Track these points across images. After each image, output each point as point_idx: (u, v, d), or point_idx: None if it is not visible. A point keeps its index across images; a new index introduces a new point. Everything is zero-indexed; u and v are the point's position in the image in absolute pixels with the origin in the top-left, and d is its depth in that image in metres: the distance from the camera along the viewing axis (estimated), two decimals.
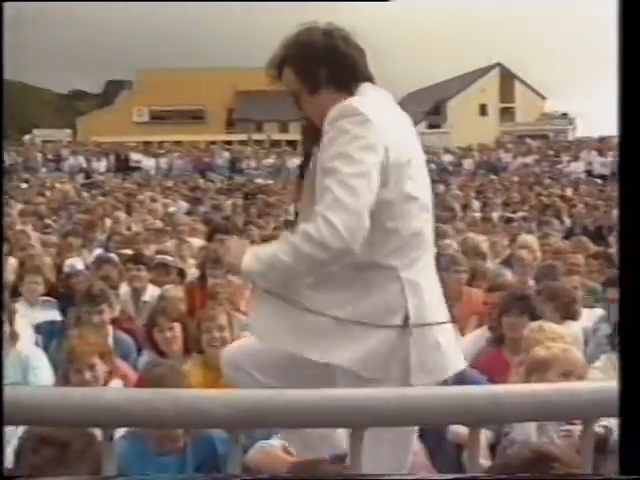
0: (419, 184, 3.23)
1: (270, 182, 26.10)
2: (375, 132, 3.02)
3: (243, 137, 51.77)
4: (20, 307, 6.47)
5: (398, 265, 3.15)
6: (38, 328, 6.69)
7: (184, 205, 17.48)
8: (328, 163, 3.01)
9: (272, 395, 1.68)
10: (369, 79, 3.30)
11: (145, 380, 4.35)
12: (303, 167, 3.39)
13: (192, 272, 8.96)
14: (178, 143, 44.89)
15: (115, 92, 71.35)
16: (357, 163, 2.96)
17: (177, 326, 5.70)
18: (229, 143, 46.05)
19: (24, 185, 23.61)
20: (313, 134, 3.29)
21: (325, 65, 3.25)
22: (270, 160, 33.02)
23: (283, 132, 58.44)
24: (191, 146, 40.76)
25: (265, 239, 10.61)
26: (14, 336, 5.56)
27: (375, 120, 3.03)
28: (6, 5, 2.18)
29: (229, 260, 3.18)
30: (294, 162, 32.13)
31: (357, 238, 2.93)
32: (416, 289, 3.15)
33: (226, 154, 33.24)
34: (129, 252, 9.14)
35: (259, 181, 26.66)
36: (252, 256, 3.05)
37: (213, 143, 44.43)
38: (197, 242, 10.43)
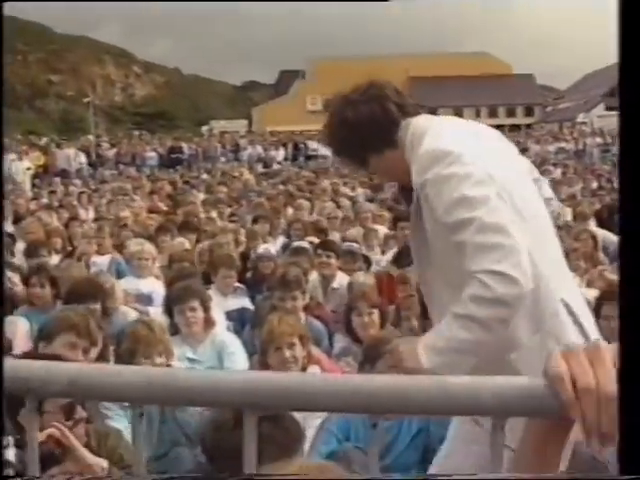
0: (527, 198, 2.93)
1: None
2: (473, 163, 2.76)
3: None
4: (213, 294, 6.50)
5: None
6: (229, 315, 6.74)
7: (362, 192, 17.45)
8: (449, 219, 2.72)
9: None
10: (406, 115, 3.04)
11: None
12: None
13: (377, 259, 8.89)
14: None
15: (289, 82, 72.42)
16: (480, 201, 2.69)
17: (375, 312, 5.60)
18: None
19: (205, 176, 24.16)
20: (408, 194, 3.00)
21: (348, 142, 3.10)
22: None
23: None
24: None
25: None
26: (210, 322, 5.59)
27: (465, 150, 2.78)
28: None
29: (408, 366, 2.76)
30: None
31: (528, 274, 2.63)
32: None
33: None
34: (314, 240, 9.11)
35: None
36: (429, 351, 2.72)
37: None
38: (382, 229, 10.32)
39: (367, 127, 3.02)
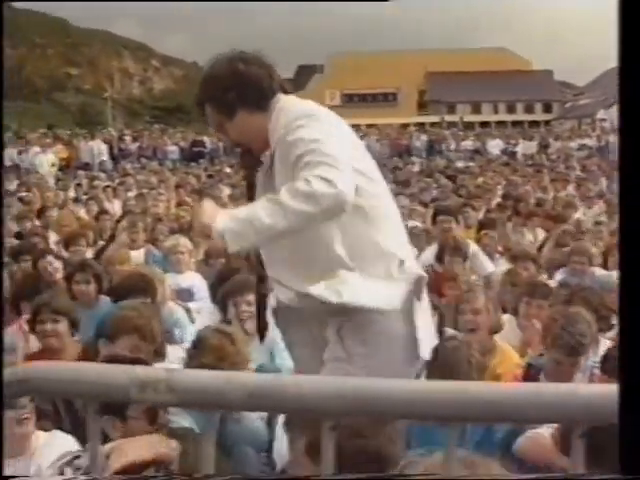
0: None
1: (471, 164, 25.62)
2: (329, 123, 3.22)
3: (435, 119, 51.29)
4: None
5: None
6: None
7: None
8: (291, 137, 3.12)
9: None
10: (283, 92, 3.43)
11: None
12: (250, 198, 3.38)
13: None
14: (370, 126, 44.97)
15: (307, 76, 72.27)
16: (323, 131, 3.10)
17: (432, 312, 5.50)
18: (421, 125, 45.69)
19: (228, 169, 24.05)
20: (252, 161, 3.42)
21: (230, 89, 3.35)
22: (468, 142, 32.49)
23: (476, 113, 57.79)
24: (384, 129, 40.72)
25: (481, 222, 10.35)
26: None
27: (324, 115, 3.26)
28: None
29: (202, 220, 3.03)
30: (494, 144, 31.59)
31: (350, 190, 2.94)
32: None
33: (424, 136, 32.96)
34: None
35: (459, 164, 26.22)
36: (228, 216, 3.00)
37: (405, 126, 44.21)
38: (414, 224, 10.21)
39: (252, 83, 3.35)
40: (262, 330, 3.82)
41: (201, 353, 4.33)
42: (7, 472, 2.38)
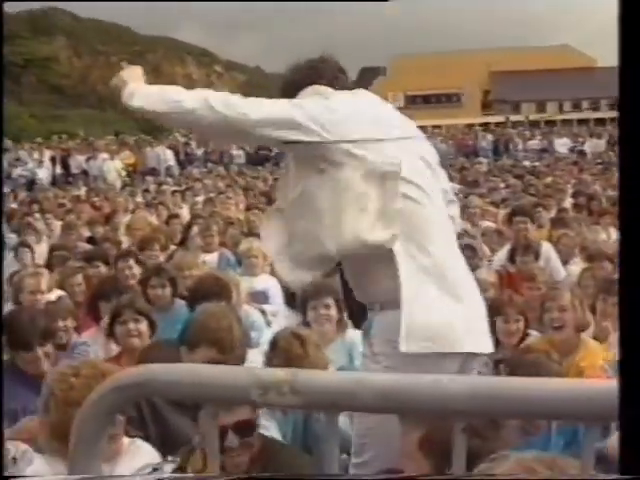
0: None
1: (537, 164, 25.34)
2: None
3: (500, 118, 50.80)
4: None
5: None
6: None
7: (455, 187, 17.27)
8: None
9: None
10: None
11: None
12: None
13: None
14: (435, 127, 44.70)
15: (370, 79, 72.22)
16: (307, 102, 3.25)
17: (522, 319, 5.43)
18: (486, 125, 45.30)
19: None
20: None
21: None
22: (535, 141, 32.16)
23: (540, 112, 57.06)
24: (448, 129, 40.52)
25: (553, 221, 10.21)
26: (342, 324, 5.59)
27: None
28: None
29: (116, 81, 3.24)
30: (561, 143, 31.21)
31: (267, 127, 3.08)
32: None
33: (489, 136, 32.74)
34: None
35: (526, 163, 25.95)
36: (144, 85, 3.22)
37: (470, 126, 43.89)
38: (487, 224, 10.12)
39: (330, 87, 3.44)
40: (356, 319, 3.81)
41: (273, 355, 4.35)
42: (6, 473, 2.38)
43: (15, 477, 1.73)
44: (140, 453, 3.53)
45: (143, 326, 5.14)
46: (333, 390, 1.12)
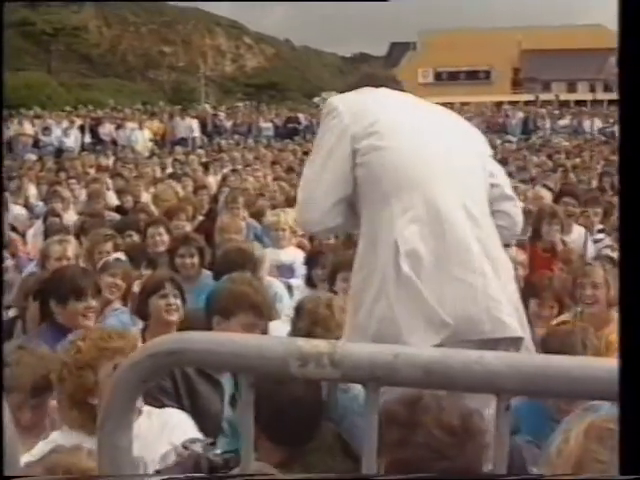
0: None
1: (566, 143, 25.15)
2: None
3: (530, 97, 50.39)
4: None
5: None
6: None
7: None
8: None
9: None
10: None
11: None
12: None
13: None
14: (464, 104, 44.41)
15: (399, 54, 71.75)
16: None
17: (556, 305, 5.46)
18: (515, 103, 44.93)
19: None
20: None
21: None
22: (565, 121, 31.90)
23: (571, 92, 56.59)
24: (478, 106, 40.21)
25: (587, 200, 10.10)
26: None
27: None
28: None
29: None
30: (591, 123, 30.92)
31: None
32: None
33: (520, 114, 32.48)
34: None
35: (556, 142, 25.75)
36: None
37: (499, 104, 43.57)
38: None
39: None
40: None
41: (299, 319, 4.23)
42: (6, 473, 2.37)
43: (15, 477, 1.73)
44: (173, 423, 3.51)
45: (180, 301, 4.99)
46: (374, 363, 1.10)
